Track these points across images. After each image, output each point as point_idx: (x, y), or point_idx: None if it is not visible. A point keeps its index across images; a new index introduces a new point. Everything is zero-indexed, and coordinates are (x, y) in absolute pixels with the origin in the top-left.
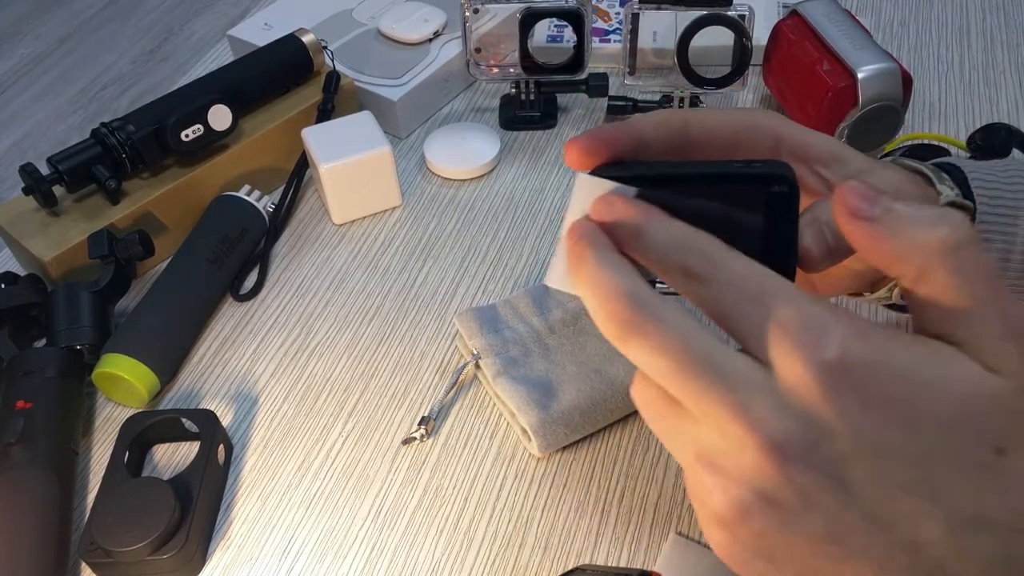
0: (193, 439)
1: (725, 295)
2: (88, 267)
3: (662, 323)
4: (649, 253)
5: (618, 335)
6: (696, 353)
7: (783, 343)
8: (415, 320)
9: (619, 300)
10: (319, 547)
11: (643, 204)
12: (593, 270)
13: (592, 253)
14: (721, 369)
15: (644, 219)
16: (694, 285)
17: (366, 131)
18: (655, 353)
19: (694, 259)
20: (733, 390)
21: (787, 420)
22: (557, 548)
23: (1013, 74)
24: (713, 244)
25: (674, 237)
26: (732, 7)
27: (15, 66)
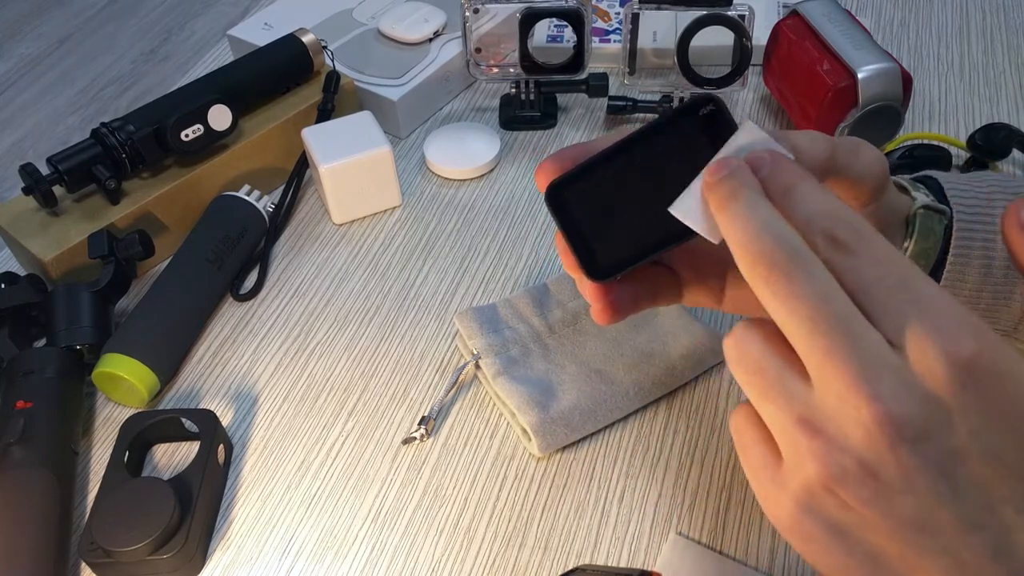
0: (193, 439)
1: (869, 270)
2: (88, 267)
3: (809, 274)
4: (800, 211)
5: (763, 276)
6: (836, 313)
7: (922, 329)
8: (415, 320)
9: (770, 240)
10: (319, 547)
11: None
12: (746, 207)
13: (745, 192)
14: (856, 335)
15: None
16: (839, 254)
17: (366, 131)
18: (796, 300)
19: (844, 227)
20: (862, 358)
21: (910, 402)
22: (557, 548)
23: (1013, 74)
24: (863, 221)
25: (827, 203)
26: (732, 7)
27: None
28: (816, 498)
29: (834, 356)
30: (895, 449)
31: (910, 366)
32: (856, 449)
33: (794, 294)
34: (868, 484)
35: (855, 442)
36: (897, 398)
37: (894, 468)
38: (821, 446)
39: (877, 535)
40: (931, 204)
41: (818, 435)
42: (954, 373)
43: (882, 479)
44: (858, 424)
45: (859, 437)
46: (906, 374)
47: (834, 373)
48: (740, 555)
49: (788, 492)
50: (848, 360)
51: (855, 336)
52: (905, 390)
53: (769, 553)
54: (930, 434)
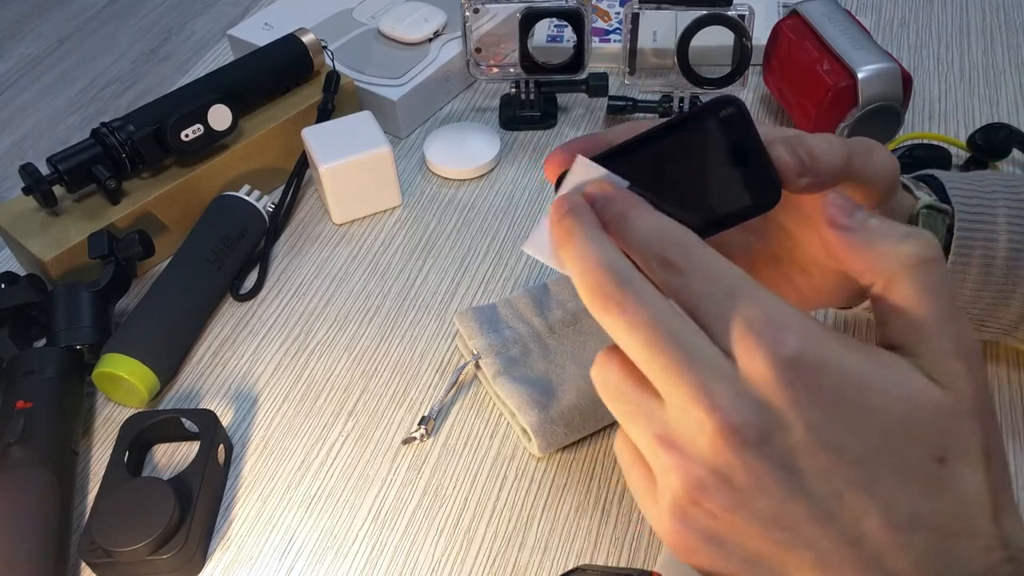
0: (193, 439)
1: (698, 286)
2: (88, 267)
3: (641, 300)
4: (632, 239)
5: (600, 307)
6: (669, 332)
7: (746, 336)
8: (415, 320)
9: (603, 273)
10: (319, 547)
11: (631, 194)
12: (581, 242)
13: (582, 227)
14: (690, 351)
15: (631, 206)
16: (670, 274)
17: (366, 131)
18: (631, 327)
19: (672, 249)
20: (699, 372)
21: (746, 408)
22: (557, 548)
23: (1013, 74)
24: (691, 238)
25: (656, 226)
26: (732, 7)
27: (15, 66)
28: (686, 511)
29: (672, 373)
30: (740, 454)
31: (741, 372)
32: (707, 459)
33: (628, 321)
34: (725, 491)
35: (705, 453)
36: (733, 405)
37: (744, 473)
38: (677, 460)
39: (747, 538)
40: (934, 204)
41: (673, 450)
42: (780, 372)
43: (736, 485)
44: (703, 435)
45: (707, 447)
46: (738, 381)
47: (675, 389)
48: None
49: (663, 508)
50: (684, 375)
51: (689, 352)
52: (739, 396)
53: None
54: (769, 435)
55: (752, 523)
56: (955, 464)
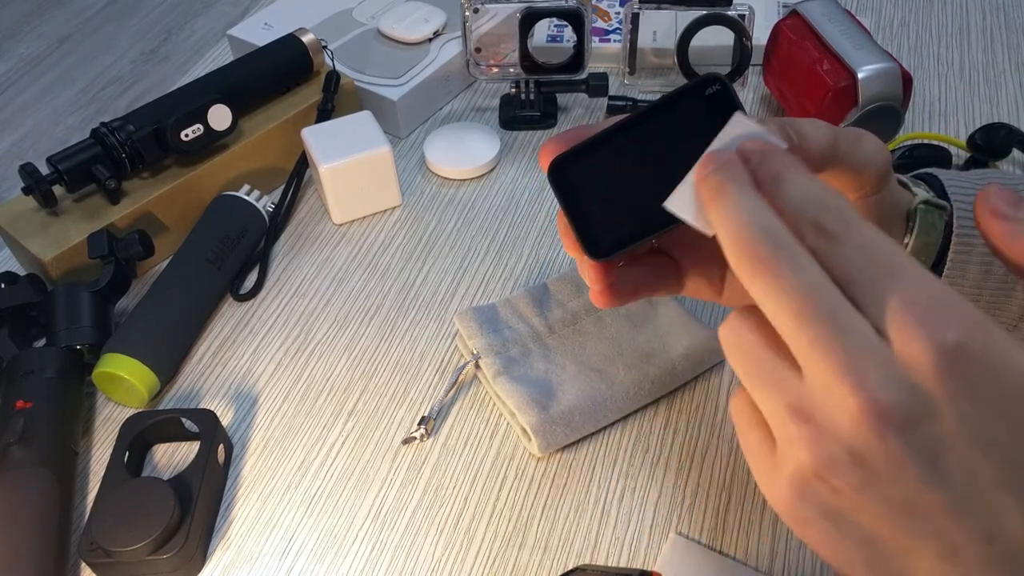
0: (193, 439)
1: (855, 257)
2: (88, 267)
3: (795, 266)
4: (787, 200)
5: (749, 270)
6: (822, 303)
7: (907, 317)
8: (415, 320)
9: (757, 235)
10: (319, 547)
11: (789, 155)
12: (733, 202)
13: (733, 185)
14: (842, 325)
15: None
16: (825, 242)
17: (366, 131)
18: (782, 293)
19: (830, 216)
20: (849, 347)
21: (896, 390)
22: (557, 548)
23: (1013, 74)
24: (850, 207)
25: (814, 190)
26: (732, 7)
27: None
28: (808, 484)
29: (820, 347)
30: (882, 437)
31: (896, 354)
32: (844, 437)
33: (780, 287)
34: (857, 471)
35: (843, 430)
36: (883, 387)
37: (881, 455)
38: (810, 434)
39: (869, 519)
40: (931, 199)
41: (807, 423)
42: (940, 360)
43: (870, 466)
44: (845, 413)
45: (846, 425)
46: (892, 363)
47: (821, 363)
48: (740, 555)
49: (783, 477)
50: (834, 351)
51: (841, 326)
52: (891, 378)
53: (769, 553)
54: (917, 421)
55: (880, 506)
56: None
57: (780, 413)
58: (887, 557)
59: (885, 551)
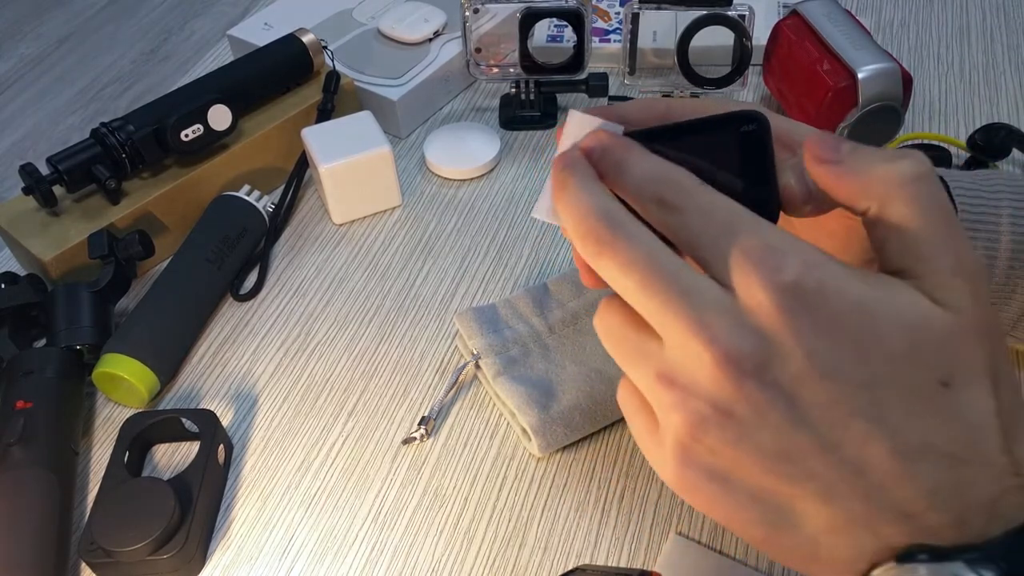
0: (193, 439)
1: (695, 223)
2: (88, 267)
3: (632, 240)
4: (628, 183)
5: (593, 252)
6: (662, 270)
7: (744, 265)
8: (415, 320)
9: (593, 218)
10: (319, 547)
11: (627, 140)
12: (573, 193)
13: (574, 179)
14: (685, 287)
15: (626, 152)
16: (667, 214)
17: (366, 131)
18: (624, 268)
19: (668, 189)
20: (695, 306)
21: (744, 337)
22: (557, 548)
23: (1013, 74)
24: (686, 177)
25: (652, 168)
26: (732, 7)
27: (15, 66)
28: (688, 449)
29: (668, 310)
30: (740, 385)
31: (740, 303)
32: (707, 393)
33: (621, 263)
34: (727, 425)
35: (705, 386)
36: (731, 336)
37: (744, 404)
38: (677, 396)
39: (750, 474)
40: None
41: (673, 387)
42: (779, 299)
43: (737, 417)
44: (703, 368)
45: (707, 381)
46: (737, 311)
47: (673, 326)
48: (740, 555)
49: (666, 449)
50: (681, 310)
51: (684, 287)
52: (738, 327)
53: None
54: (769, 363)
55: (754, 456)
56: (961, 388)
57: (650, 383)
58: (776, 509)
59: (773, 503)
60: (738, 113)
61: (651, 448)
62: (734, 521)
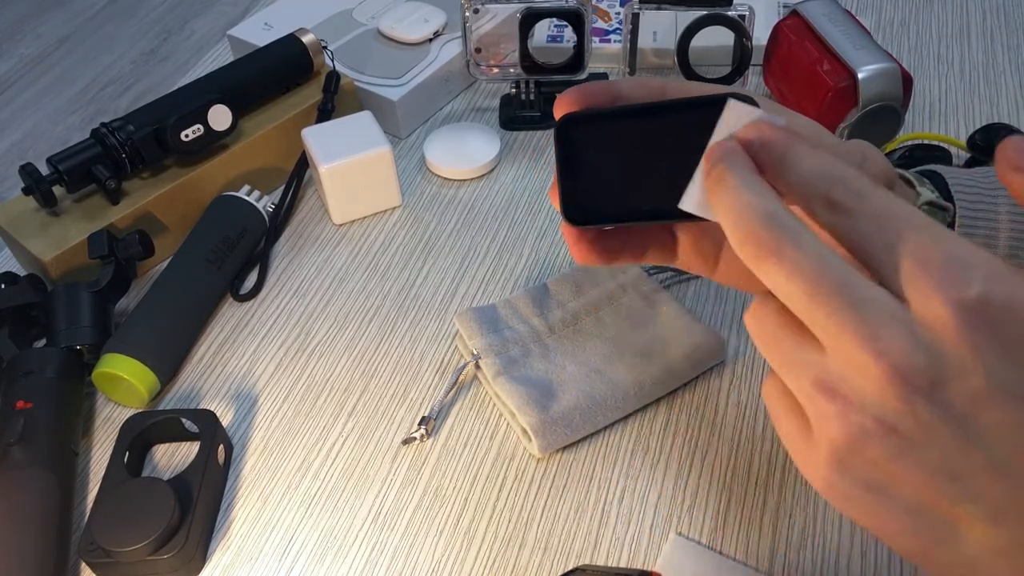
0: (193, 439)
1: (867, 226)
2: (88, 267)
3: (800, 246)
4: (793, 179)
5: (755, 255)
6: (832, 278)
7: (922, 277)
8: (415, 320)
9: (758, 220)
10: (319, 547)
11: (791, 133)
12: (733, 190)
13: (733, 173)
14: (855, 295)
15: (791, 146)
16: (837, 216)
17: (366, 131)
18: (790, 275)
19: (839, 189)
20: (865, 317)
21: (918, 352)
22: (557, 548)
23: (1013, 74)
24: (859, 176)
25: (820, 165)
26: (732, 7)
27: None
28: (845, 459)
29: (836, 320)
30: (910, 402)
31: (916, 317)
32: (872, 407)
33: (786, 269)
34: (890, 440)
35: (870, 400)
36: (904, 351)
37: (912, 421)
38: (840, 408)
39: (911, 489)
40: (935, 201)
41: (836, 397)
42: (961, 316)
43: (902, 433)
44: (870, 382)
45: (873, 394)
46: (912, 325)
47: (840, 336)
48: (740, 555)
49: (819, 456)
50: (850, 321)
51: (855, 296)
52: (912, 341)
53: (769, 553)
54: (944, 381)
55: (917, 472)
56: None
57: (808, 391)
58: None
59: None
60: (728, 94)
61: (801, 451)
62: (887, 532)
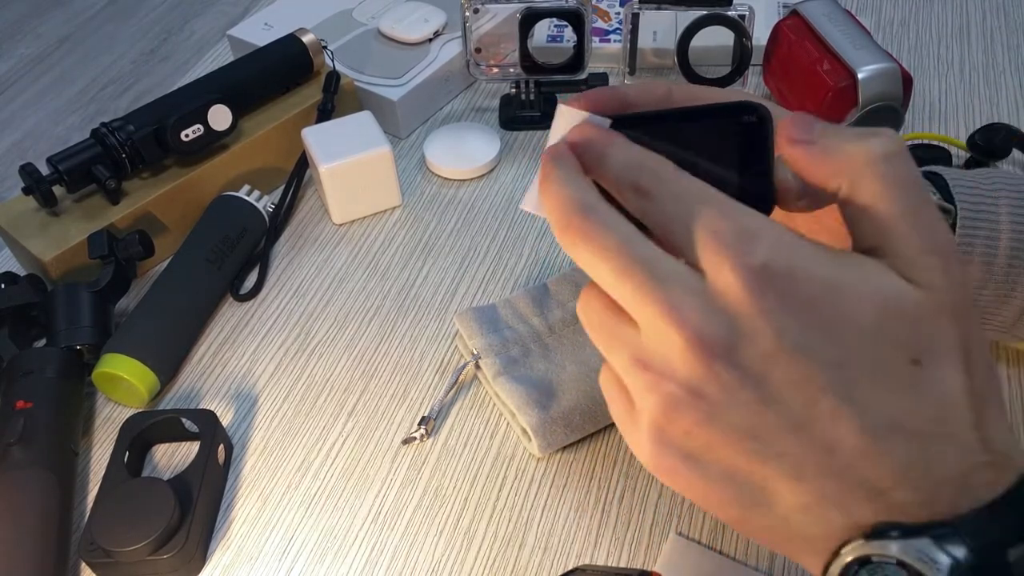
0: (193, 439)
1: (669, 207)
2: (88, 267)
3: (607, 228)
4: (608, 173)
5: (568, 241)
6: (635, 256)
7: (714, 248)
8: (415, 320)
9: (571, 208)
10: (319, 547)
11: (610, 131)
12: (556, 186)
13: (557, 171)
14: (658, 271)
15: (608, 142)
16: (641, 201)
17: (366, 131)
18: (598, 256)
19: (645, 176)
20: (666, 290)
21: (714, 319)
22: (557, 548)
23: (1013, 74)
24: (663, 164)
25: (630, 157)
26: (732, 7)
27: (15, 66)
28: (663, 431)
29: (641, 295)
30: (711, 366)
31: (710, 286)
32: (679, 375)
33: (595, 250)
34: (698, 405)
35: (677, 369)
36: (701, 318)
37: (714, 384)
38: (651, 379)
39: (723, 454)
40: (938, 203)
41: (647, 369)
42: (749, 281)
43: (708, 397)
44: (675, 351)
45: (679, 363)
46: (707, 294)
47: (645, 310)
48: (740, 555)
49: (642, 431)
50: (653, 294)
51: (657, 272)
52: (708, 309)
53: (769, 553)
54: (738, 344)
55: (725, 436)
56: (932, 366)
57: (627, 367)
58: (751, 489)
59: (747, 483)
60: (740, 104)
61: (629, 431)
62: (710, 502)
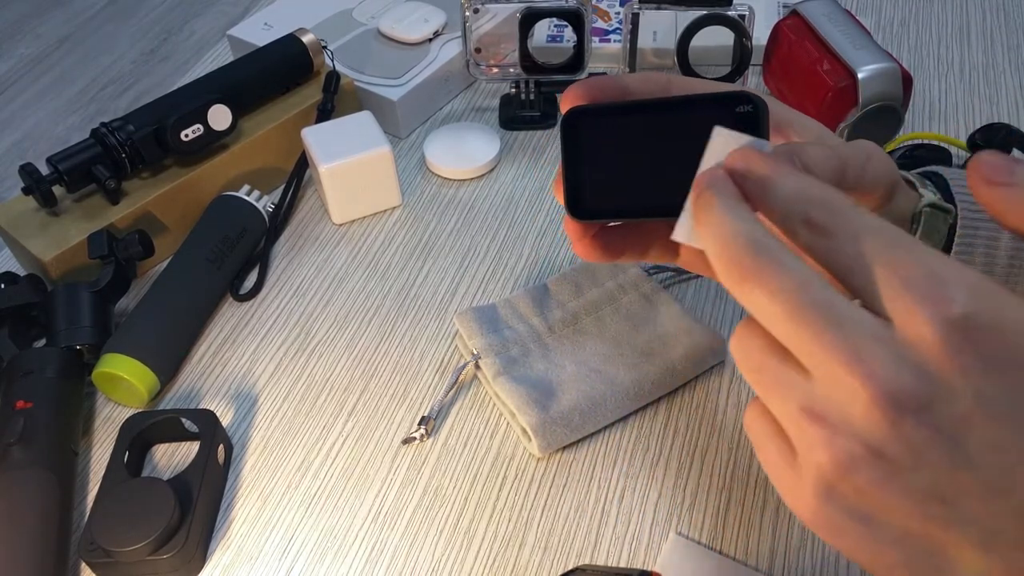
0: (193, 439)
1: (848, 247)
2: (88, 267)
3: (781, 269)
4: (774, 203)
5: (738, 279)
6: (814, 300)
7: (906, 296)
8: (415, 320)
9: (740, 245)
10: (319, 547)
11: (773, 157)
12: (717, 216)
13: (719, 201)
14: (838, 318)
15: (773, 170)
16: (816, 237)
17: (366, 131)
18: (772, 298)
19: (818, 210)
20: (849, 339)
21: (904, 374)
22: (557, 548)
23: (1013, 74)
24: (838, 197)
25: (799, 187)
26: (732, 7)
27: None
28: (832, 487)
29: (819, 343)
30: (897, 425)
31: (900, 337)
32: (859, 431)
33: (769, 292)
34: (878, 465)
35: (857, 424)
36: (891, 372)
37: (900, 444)
38: (826, 433)
39: (899, 516)
40: (937, 203)
41: (821, 423)
42: (946, 335)
43: (891, 459)
44: (856, 405)
45: (860, 418)
46: (897, 346)
47: (824, 359)
48: (740, 555)
49: (805, 484)
50: (834, 343)
51: (839, 318)
52: (897, 362)
53: (769, 553)
54: (931, 403)
55: (906, 498)
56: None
57: (794, 416)
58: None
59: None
60: (736, 93)
61: (784, 478)
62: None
